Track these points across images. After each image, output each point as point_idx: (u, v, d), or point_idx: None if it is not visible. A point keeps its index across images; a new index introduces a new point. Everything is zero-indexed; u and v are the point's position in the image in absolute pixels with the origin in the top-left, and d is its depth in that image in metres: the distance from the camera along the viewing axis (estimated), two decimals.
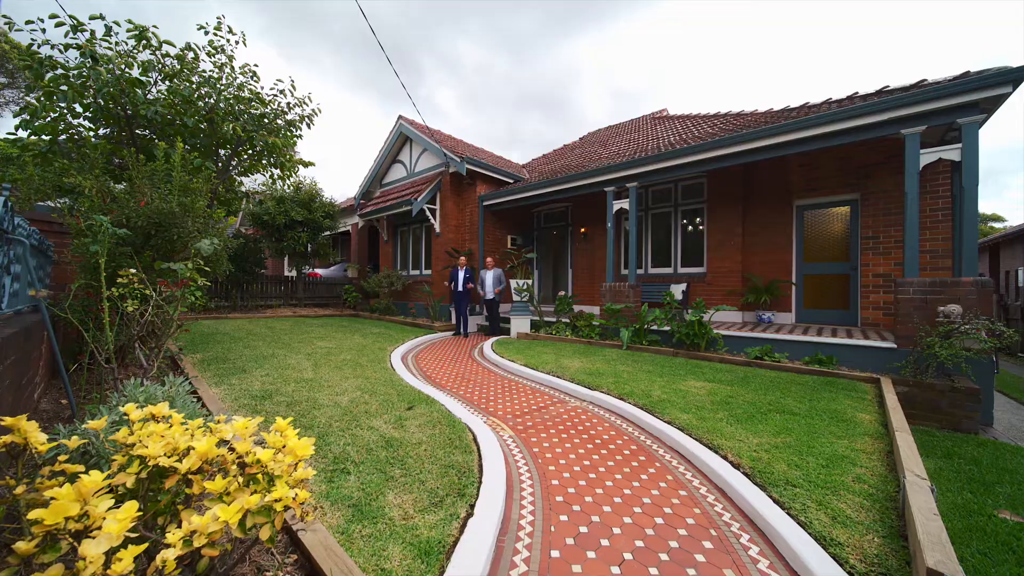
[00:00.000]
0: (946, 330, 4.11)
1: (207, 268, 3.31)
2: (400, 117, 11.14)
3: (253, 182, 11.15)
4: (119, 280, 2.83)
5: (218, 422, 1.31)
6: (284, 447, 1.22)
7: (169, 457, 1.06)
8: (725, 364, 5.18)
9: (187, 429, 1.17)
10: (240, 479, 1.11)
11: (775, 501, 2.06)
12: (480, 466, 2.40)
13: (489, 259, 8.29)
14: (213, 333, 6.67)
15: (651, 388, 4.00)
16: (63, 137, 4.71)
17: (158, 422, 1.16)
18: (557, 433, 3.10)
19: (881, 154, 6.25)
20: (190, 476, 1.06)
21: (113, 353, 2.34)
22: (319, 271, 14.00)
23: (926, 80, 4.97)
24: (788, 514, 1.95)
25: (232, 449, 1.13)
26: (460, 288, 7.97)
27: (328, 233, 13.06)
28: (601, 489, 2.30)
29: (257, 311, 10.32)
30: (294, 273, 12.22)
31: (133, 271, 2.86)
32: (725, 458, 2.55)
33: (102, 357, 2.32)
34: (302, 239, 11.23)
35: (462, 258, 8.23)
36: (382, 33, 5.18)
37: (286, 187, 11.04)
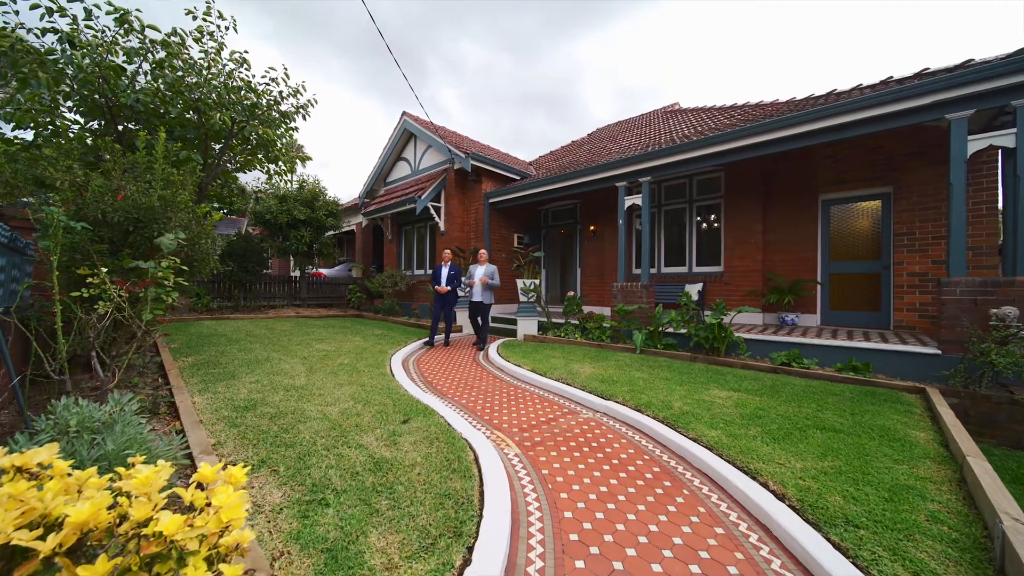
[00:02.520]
0: (1002, 335, 3.69)
1: (185, 267, 3.02)
2: (404, 113, 10.85)
3: (256, 180, 10.95)
4: (89, 280, 2.56)
5: (132, 465, 1.00)
6: (209, 505, 0.91)
7: (32, 530, 0.76)
8: (749, 371, 4.78)
9: (75, 481, 0.87)
10: (138, 557, 0.80)
11: (835, 546, 1.71)
12: (481, 495, 2.08)
13: (483, 252, 6.77)
14: (211, 335, 6.45)
15: (671, 398, 3.64)
16: (47, 131, 4.50)
17: (29, 476, 0.86)
18: (569, 451, 2.76)
19: (916, 143, 5.80)
20: (58, 558, 0.75)
21: (66, 362, 2.05)
22: (323, 271, 13.82)
23: (973, 60, 4.53)
24: (856, 566, 1.59)
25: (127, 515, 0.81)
26: (443, 284, 6.57)
27: (332, 232, 12.85)
28: (622, 524, 1.97)
29: (260, 311, 10.11)
30: (298, 273, 12.01)
31: (105, 269, 2.60)
32: (766, 486, 2.19)
33: (53, 367, 2.04)
34: (305, 238, 11.02)
35: (447, 252, 6.97)
36: (384, 33, 4.89)
37: (288, 183, 10.81)
